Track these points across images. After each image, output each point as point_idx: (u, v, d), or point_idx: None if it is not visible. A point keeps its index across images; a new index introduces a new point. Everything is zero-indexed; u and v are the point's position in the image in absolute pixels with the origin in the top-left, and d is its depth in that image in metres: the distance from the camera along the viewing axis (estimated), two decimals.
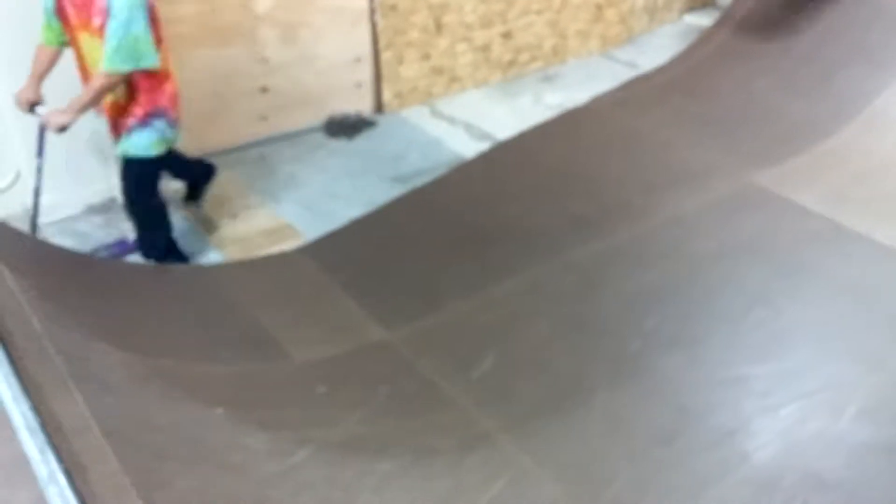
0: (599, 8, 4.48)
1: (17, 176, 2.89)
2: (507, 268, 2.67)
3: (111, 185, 3.01)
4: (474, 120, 3.77)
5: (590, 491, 1.89)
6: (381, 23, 3.64)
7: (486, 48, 4.09)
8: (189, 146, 3.31)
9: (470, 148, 3.49)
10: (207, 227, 2.92)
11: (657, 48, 4.58)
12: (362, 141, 3.57)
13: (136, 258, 2.74)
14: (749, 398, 2.13)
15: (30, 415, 1.51)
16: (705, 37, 4.48)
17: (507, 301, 2.53)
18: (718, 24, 4.50)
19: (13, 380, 1.58)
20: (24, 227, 2.69)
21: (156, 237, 2.64)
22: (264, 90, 3.43)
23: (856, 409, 2.07)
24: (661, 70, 4.21)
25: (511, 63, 4.23)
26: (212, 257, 2.76)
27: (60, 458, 1.44)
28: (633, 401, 2.14)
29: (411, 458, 1.97)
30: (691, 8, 5.15)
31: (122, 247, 2.78)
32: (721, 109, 3.72)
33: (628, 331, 2.37)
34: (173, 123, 2.59)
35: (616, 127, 3.66)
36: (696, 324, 2.41)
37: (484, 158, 3.39)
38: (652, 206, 2.98)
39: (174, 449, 1.77)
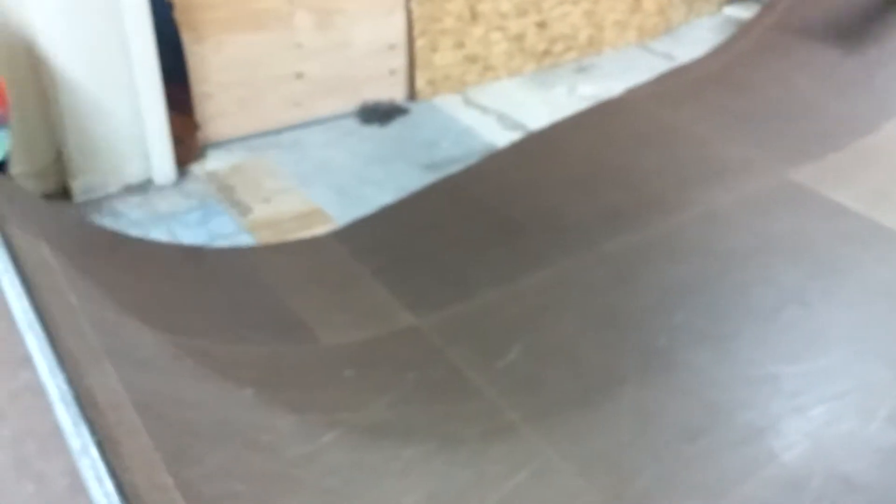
0: None
1: (58, 154, 2.94)
2: (538, 258, 2.66)
3: (149, 164, 3.06)
4: (507, 109, 3.76)
5: (614, 485, 1.88)
6: (416, 10, 3.64)
7: (520, 37, 4.07)
8: (225, 130, 3.35)
9: (502, 137, 3.48)
10: (240, 210, 2.95)
11: (695, 40, 4.52)
12: (395, 128, 3.58)
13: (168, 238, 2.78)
14: (778, 397, 2.12)
15: (65, 387, 1.54)
16: (745, 30, 4.42)
17: (536, 292, 2.53)
18: (759, 17, 4.44)
19: (49, 353, 1.61)
20: (62, 204, 2.75)
21: None
22: (299, 76, 3.45)
23: (887, 413, 2.05)
24: (698, 63, 4.17)
25: (546, 53, 4.21)
26: (244, 240, 2.78)
27: (94, 431, 1.46)
28: (661, 396, 2.13)
29: (436, 446, 1.99)
30: (731, 0, 5.08)
31: None
32: (759, 104, 3.67)
33: (658, 325, 2.36)
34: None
35: (651, 120, 3.63)
36: (727, 320, 2.39)
37: (516, 148, 3.38)
38: (686, 201, 2.95)
39: (204, 427, 1.79)
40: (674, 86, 3.95)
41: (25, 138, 2.87)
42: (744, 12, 4.79)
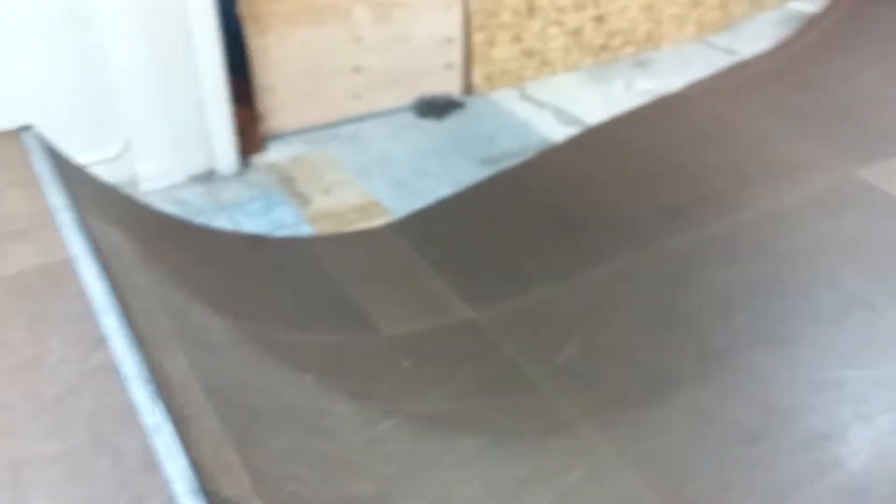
0: None
1: (127, 145, 3.03)
2: (595, 255, 2.65)
3: (213, 155, 3.13)
4: (564, 104, 3.74)
5: (670, 485, 1.87)
6: (473, 4, 3.64)
7: (578, 32, 4.04)
8: (286, 122, 3.41)
9: (559, 132, 3.47)
10: (300, 200, 3.00)
11: (757, 35, 4.43)
12: (451, 122, 3.59)
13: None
14: (843, 403, 2.06)
15: (139, 367, 1.59)
16: (809, 24, 4.32)
17: (593, 289, 2.52)
18: (825, 12, 4.34)
19: (124, 334, 1.66)
20: (133, 193, 2.83)
21: None
22: (357, 69, 3.48)
23: None
24: (760, 58, 4.09)
25: (603, 47, 4.17)
26: (304, 230, 2.83)
27: (166, 409, 1.51)
28: (719, 398, 2.10)
29: (492, 439, 2.00)
30: None
31: None
32: (823, 101, 3.59)
33: (717, 326, 2.33)
34: None
35: (710, 116, 3.57)
36: (789, 323, 2.35)
37: (573, 142, 3.37)
38: (746, 200, 2.91)
39: (269, 410, 1.84)
40: (734, 81, 3.88)
41: (94, 128, 2.96)
42: (808, 6, 4.68)
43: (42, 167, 2.06)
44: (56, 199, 1.97)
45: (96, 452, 1.59)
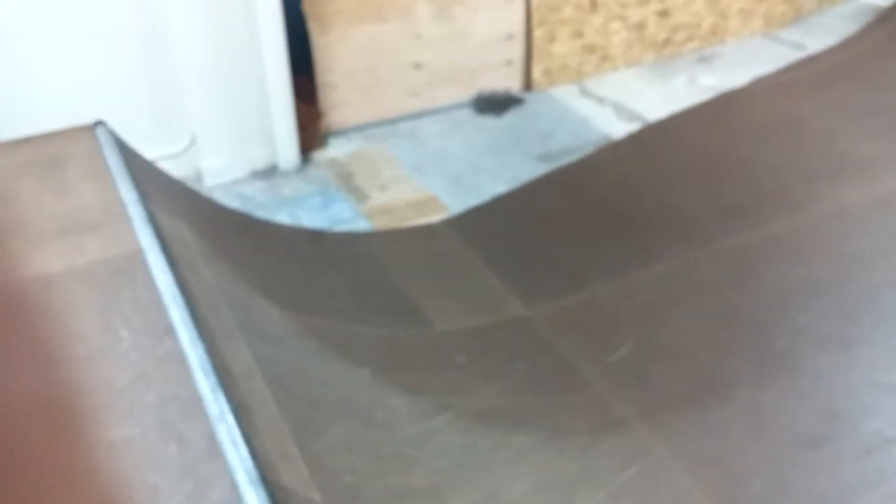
0: None
1: (192, 140, 3.13)
2: (652, 253, 2.62)
3: (274, 151, 3.20)
4: (624, 100, 3.70)
5: (726, 488, 1.84)
6: (535, 0, 3.63)
7: (640, 26, 3.99)
8: (346, 119, 3.47)
9: (619, 129, 3.44)
10: (358, 196, 3.05)
11: (827, 29, 4.30)
12: (510, 118, 3.59)
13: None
14: None
15: (204, 357, 1.64)
16: (881, 18, 4.18)
17: (650, 287, 2.49)
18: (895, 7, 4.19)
19: (190, 324, 1.72)
20: (197, 187, 2.92)
21: None
22: (417, 66, 3.51)
23: None
24: (829, 53, 3.97)
25: (666, 42, 4.11)
26: (361, 225, 2.88)
27: (229, 399, 1.56)
28: (779, 400, 2.07)
29: (545, 436, 2.01)
30: None
31: None
32: (893, 97, 3.47)
33: (778, 326, 2.29)
34: None
35: (777, 112, 3.49)
36: (854, 324, 2.29)
37: (633, 139, 3.33)
38: (812, 198, 2.84)
39: (327, 402, 1.88)
40: (802, 77, 3.78)
41: (162, 123, 3.07)
42: (880, 0, 4.52)
43: (113, 161, 2.14)
44: (126, 192, 2.05)
45: (163, 439, 1.65)
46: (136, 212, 1.97)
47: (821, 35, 4.22)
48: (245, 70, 3.04)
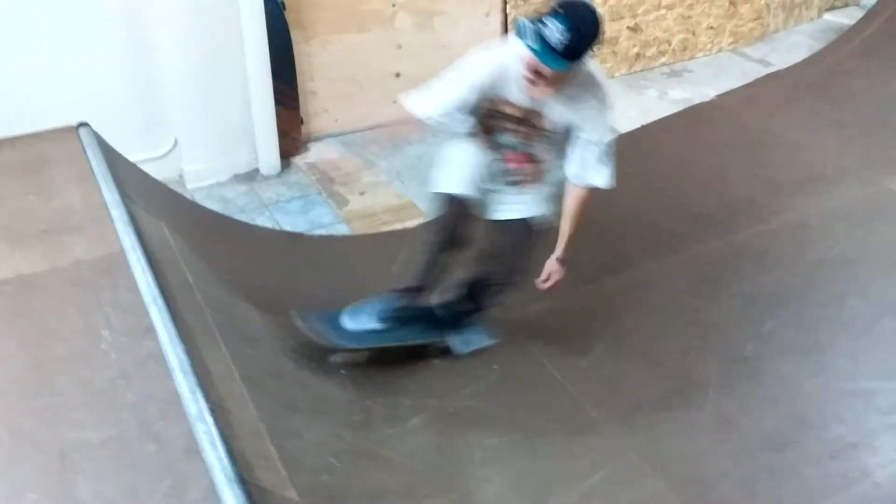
0: (734, 4, 4.37)
1: (175, 143, 3.14)
2: (622, 260, 2.68)
3: (256, 155, 3.23)
4: None
5: (695, 489, 1.89)
6: (512, 12, 3.70)
7: (612, 41, 4.07)
8: (327, 125, 3.50)
9: None
10: (337, 201, 3.08)
11: (792, 46, 4.42)
12: None
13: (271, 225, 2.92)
14: (872, 413, 2.07)
15: (183, 358, 1.66)
16: (845, 36, 4.29)
17: (620, 293, 2.55)
18: (861, 24, 4.31)
19: (170, 325, 1.73)
20: (179, 190, 2.93)
21: None
22: (397, 75, 3.55)
23: None
24: (795, 69, 4.08)
25: (638, 57, 4.20)
26: (340, 229, 2.91)
27: (208, 399, 1.57)
28: (745, 404, 2.12)
29: (519, 437, 2.04)
30: (832, 6, 4.93)
31: None
32: (857, 112, 3.57)
33: (744, 333, 2.35)
34: None
35: (743, 125, 3.58)
36: (818, 331, 2.36)
37: None
38: (777, 208, 2.92)
39: (303, 402, 1.91)
40: (768, 91, 3.88)
41: (146, 127, 3.07)
42: (845, 19, 4.65)
43: (97, 163, 2.15)
44: (110, 194, 2.06)
45: (141, 439, 1.66)
46: (118, 214, 1.98)
47: (787, 52, 4.33)
48: (228, 76, 3.06)
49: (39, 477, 1.57)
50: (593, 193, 2.09)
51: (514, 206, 2.14)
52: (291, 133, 3.31)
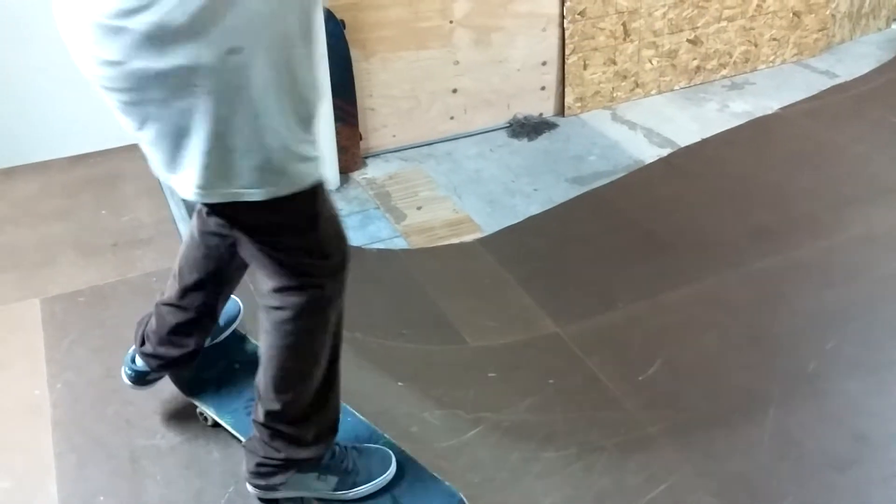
0: (797, 15, 4.29)
1: None
2: (682, 275, 2.66)
3: None
4: (656, 126, 3.75)
5: None
6: (569, 28, 3.71)
7: (672, 54, 4.05)
8: (385, 141, 3.56)
9: (650, 153, 3.49)
10: (395, 216, 3.13)
11: (858, 57, 4.31)
12: (543, 142, 3.66)
13: None
14: None
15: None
16: None
17: (679, 308, 2.53)
18: None
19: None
20: None
21: None
22: (454, 91, 3.60)
23: None
24: (861, 80, 3.99)
25: (698, 69, 4.16)
26: (397, 244, 2.95)
27: None
28: (807, 422, 2.08)
29: (575, 452, 2.04)
30: None
31: None
32: None
33: (807, 349, 2.31)
34: None
35: (807, 137, 3.51)
36: (884, 349, 2.30)
37: (664, 163, 3.38)
38: (842, 222, 2.86)
39: (364, 414, 1.94)
40: (833, 102, 3.80)
41: None
42: None
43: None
44: (177, 209, 2.15)
45: (208, 446, 1.73)
46: (185, 228, 2.07)
47: (853, 63, 4.23)
48: None
49: (111, 481, 1.65)
50: None
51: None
52: (351, 149, 3.38)
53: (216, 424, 1.72)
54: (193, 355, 1.65)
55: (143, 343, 1.67)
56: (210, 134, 1.13)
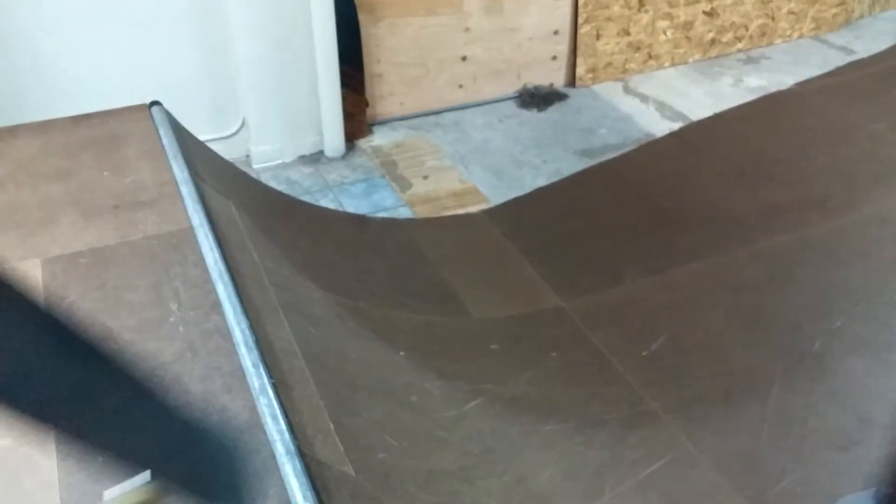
0: None
1: (243, 124, 3.22)
2: (689, 251, 2.63)
3: (321, 138, 3.28)
4: (668, 99, 3.70)
5: (753, 485, 1.85)
6: None
7: (687, 26, 3.97)
8: (392, 109, 3.52)
9: (661, 127, 3.44)
10: (401, 184, 3.11)
11: (878, 33, 4.23)
12: (553, 113, 3.61)
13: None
14: None
15: (247, 333, 1.71)
16: None
17: (686, 285, 2.50)
18: None
19: (236, 301, 1.79)
20: (246, 170, 3.00)
21: None
22: (464, 59, 3.55)
23: None
24: (879, 57, 3.92)
25: (713, 42, 4.09)
26: (403, 213, 2.93)
27: (270, 375, 1.61)
28: (810, 401, 2.07)
29: (575, 425, 2.04)
30: None
31: None
32: None
33: (813, 328, 2.28)
34: None
35: (822, 114, 3.46)
36: (889, 329, 2.27)
37: (675, 137, 3.33)
38: (854, 202, 2.82)
39: (363, 382, 1.94)
40: (851, 80, 3.74)
41: (215, 107, 3.16)
42: None
43: (169, 141, 2.22)
44: (180, 171, 2.12)
45: (207, 410, 1.72)
46: (188, 191, 2.05)
47: (872, 39, 4.15)
48: (296, 59, 3.11)
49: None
50: None
51: None
52: (357, 116, 3.35)
53: None
54: None
55: None
56: None
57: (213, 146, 2.66)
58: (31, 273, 1.96)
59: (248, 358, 1.66)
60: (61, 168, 2.23)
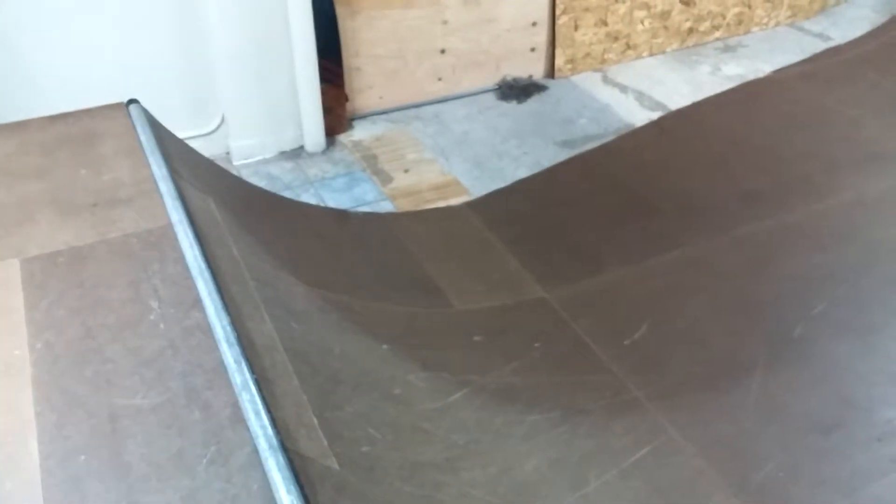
0: None
1: (222, 120, 3.20)
2: (670, 239, 2.64)
3: (301, 132, 3.26)
4: (647, 88, 3.71)
5: (738, 471, 1.87)
6: None
7: (664, 15, 3.99)
8: (371, 102, 3.51)
9: (641, 116, 3.45)
10: (382, 178, 3.10)
11: (853, 20, 4.26)
12: (532, 104, 3.62)
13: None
14: None
15: (229, 329, 1.70)
16: None
17: (667, 273, 2.51)
18: None
19: (216, 298, 1.78)
20: (226, 166, 2.98)
21: None
22: (442, 52, 3.54)
23: None
24: (854, 43, 3.95)
25: (690, 31, 4.10)
26: (384, 207, 2.92)
27: (252, 370, 1.61)
28: (793, 386, 2.08)
29: (560, 415, 2.04)
30: None
31: None
32: None
33: (795, 313, 2.30)
34: None
35: (800, 100, 3.48)
36: (871, 313, 2.30)
37: (655, 126, 3.34)
38: (833, 186, 2.84)
39: (346, 375, 1.93)
40: (826, 66, 3.76)
41: (194, 104, 3.13)
42: None
43: (146, 139, 2.20)
44: (158, 169, 2.11)
45: (189, 406, 1.71)
46: (166, 188, 2.03)
47: (848, 25, 4.18)
48: (274, 54, 3.09)
49: (91, 440, 1.63)
50: None
51: None
52: (336, 110, 3.33)
53: None
54: None
55: None
56: None
57: (194, 143, 2.64)
58: (10, 273, 1.94)
59: (230, 354, 1.65)
60: (38, 167, 2.21)
